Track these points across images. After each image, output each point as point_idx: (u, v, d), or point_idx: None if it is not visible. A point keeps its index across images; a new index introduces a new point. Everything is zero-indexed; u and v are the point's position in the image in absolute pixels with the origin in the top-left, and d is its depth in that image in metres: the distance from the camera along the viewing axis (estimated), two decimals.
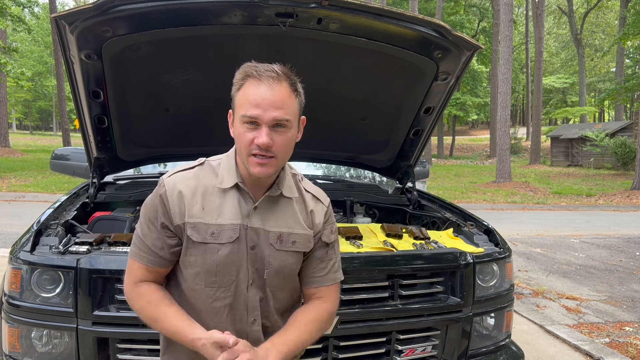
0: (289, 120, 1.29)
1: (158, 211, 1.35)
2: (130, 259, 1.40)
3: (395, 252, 2.25)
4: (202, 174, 1.39)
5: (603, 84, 46.71)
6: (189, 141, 2.90)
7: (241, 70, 1.32)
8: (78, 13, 1.95)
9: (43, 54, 46.30)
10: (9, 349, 1.98)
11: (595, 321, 4.56)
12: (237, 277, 1.36)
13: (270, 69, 1.29)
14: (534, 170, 25.52)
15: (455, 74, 2.53)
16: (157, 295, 1.38)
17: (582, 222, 10.88)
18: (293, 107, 1.31)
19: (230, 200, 1.36)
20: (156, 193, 1.37)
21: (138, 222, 1.41)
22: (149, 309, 1.37)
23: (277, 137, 1.28)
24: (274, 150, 1.28)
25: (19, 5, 23.10)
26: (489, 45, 32.85)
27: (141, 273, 1.39)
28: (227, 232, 1.34)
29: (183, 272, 1.39)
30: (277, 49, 2.35)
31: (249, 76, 1.29)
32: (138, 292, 1.39)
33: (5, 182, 14.16)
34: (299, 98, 1.34)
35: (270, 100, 1.26)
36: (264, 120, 1.26)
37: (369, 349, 2.15)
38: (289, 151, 1.34)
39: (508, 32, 17.45)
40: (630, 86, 21.28)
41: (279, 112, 1.27)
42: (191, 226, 1.33)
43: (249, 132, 1.28)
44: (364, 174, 4.08)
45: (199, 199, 1.35)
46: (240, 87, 1.30)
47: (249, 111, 1.26)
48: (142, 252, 1.38)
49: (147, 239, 1.37)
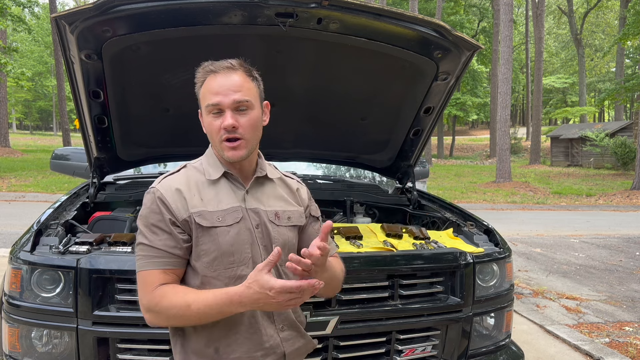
0: (249, 101, 1.39)
1: (161, 213, 1.37)
2: (143, 272, 1.36)
3: (395, 252, 2.25)
4: (189, 174, 1.46)
5: (603, 84, 46.69)
6: (189, 141, 2.89)
7: (200, 69, 1.43)
8: (78, 13, 1.95)
9: (43, 54, 46.30)
10: (9, 349, 1.98)
11: (595, 321, 4.56)
12: (252, 253, 1.41)
13: (225, 62, 1.41)
14: (534, 170, 25.52)
15: (455, 74, 2.53)
16: (182, 287, 1.37)
17: (582, 222, 10.88)
18: (251, 90, 1.41)
19: (223, 188, 1.44)
20: (151, 200, 1.39)
21: (139, 235, 1.39)
22: (178, 299, 1.31)
23: (241, 119, 1.38)
24: (240, 131, 1.38)
25: (19, 5, 23.10)
26: (489, 45, 32.86)
27: (159, 278, 1.35)
28: (231, 215, 1.40)
29: (197, 267, 1.39)
30: (277, 49, 2.35)
31: (208, 72, 1.40)
32: (160, 293, 1.33)
33: (5, 182, 14.16)
34: (257, 83, 1.45)
35: (229, 86, 1.37)
36: (225, 104, 1.36)
37: (369, 349, 2.15)
38: (256, 131, 1.43)
39: (508, 32, 17.46)
40: (630, 86, 21.29)
41: (238, 94, 1.37)
42: (197, 215, 1.37)
43: (215, 119, 1.38)
44: (364, 174, 4.08)
45: (195, 192, 1.41)
46: (202, 83, 1.42)
47: (211, 100, 1.37)
48: (156, 258, 1.36)
49: (156, 243, 1.36)
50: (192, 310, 1.30)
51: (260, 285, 1.23)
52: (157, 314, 1.34)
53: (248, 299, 1.26)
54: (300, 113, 2.86)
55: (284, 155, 3.14)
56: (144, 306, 1.36)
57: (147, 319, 1.37)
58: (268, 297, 1.23)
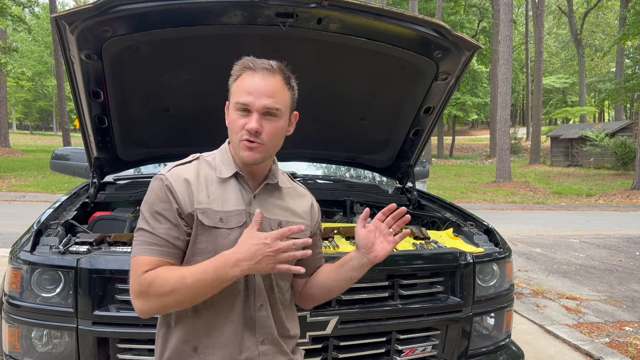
0: (279, 110, 1.36)
1: (168, 201, 1.34)
2: (139, 257, 1.32)
3: (395, 252, 2.25)
4: (200, 167, 1.44)
5: (603, 84, 46.69)
6: (189, 141, 2.89)
7: (239, 62, 1.40)
8: (78, 13, 1.95)
9: (43, 54, 46.30)
10: (9, 349, 1.98)
11: (595, 321, 4.56)
12: None
13: (266, 62, 1.37)
14: (534, 170, 25.53)
15: (455, 74, 2.53)
16: (176, 267, 1.33)
17: (582, 222, 10.89)
18: (285, 99, 1.38)
19: (232, 189, 1.41)
20: (159, 186, 1.36)
21: (141, 221, 1.35)
22: (172, 273, 1.28)
23: (266, 125, 1.35)
24: (262, 137, 1.35)
25: (19, 5, 23.11)
26: (489, 45, 32.86)
27: (153, 264, 1.30)
28: (235, 218, 1.38)
29: (190, 263, 1.35)
30: (277, 49, 2.34)
31: (246, 68, 1.37)
32: (153, 273, 1.28)
33: (5, 182, 14.16)
34: (292, 92, 1.42)
35: (263, 89, 1.34)
36: (254, 107, 1.33)
37: (369, 349, 2.15)
38: (278, 140, 1.41)
39: (508, 32, 17.46)
40: (630, 86, 21.30)
41: (270, 100, 1.34)
42: (201, 212, 1.35)
43: (241, 118, 1.35)
44: (364, 174, 4.08)
45: (203, 187, 1.39)
46: (237, 77, 1.39)
47: (241, 98, 1.34)
48: (155, 246, 1.32)
49: (158, 231, 1.32)
50: (187, 282, 1.26)
51: (254, 237, 1.25)
52: (148, 297, 1.28)
53: (245, 254, 1.24)
54: (300, 113, 2.86)
55: (284, 155, 3.13)
56: (135, 292, 1.30)
57: (137, 308, 1.32)
58: (265, 247, 1.24)
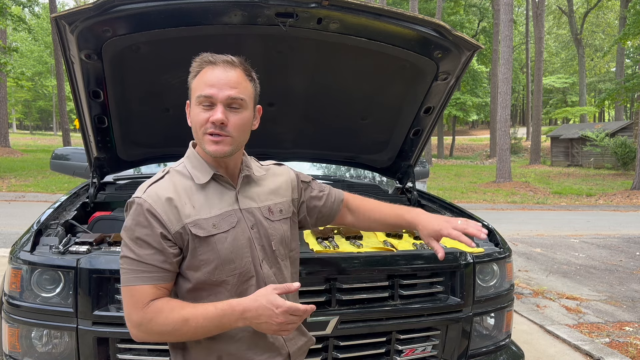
0: (244, 100, 1.34)
1: (150, 227, 1.28)
2: (130, 287, 1.27)
3: (395, 252, 2.25)
4: (175, 179, 1.37)
5: (603, 84, 46.71)
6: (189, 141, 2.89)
7: (197, 59, 1.37)
8: (78, 13, 1.95)
9: (43, 54, 46.29)
10: (9, 349, 1.98)
11: (595, 321, 4.56)
12: (251, 257, 1.38)
13: (225, 56, 1.36)
14: (534, 170, 25.52)
15: (456, 73, 2.53)
16: (176, 301, 1.30)
17: (582, 222, 10.88)
18: (248, 90, 1.36)
19: (213, 191, 1.38)
20: (138, 211, 1.29)
21: (124, 248, 1.30)
22: (174, 315, 1.25)
23: (232, 116, 1.33)
24: (229, 129, 1.32)
25: (19, 5, 23.11)
26: (489, 45, 32.84)
27: (151, 293, 1.27)
28: (226, 220, 1.36)
29: (193, 278, 1.33)
30: (277, 49, 2.35)
31: (206, 63, 1.35)
32: (154, 309, 1.26)
33: (5, 182, 14.16)
34: (254, 84, 1.40)
35: (226, 80, 1.32)
36: (218, 98, 1.31)
37: (369, 349, 2.15)
38: (244, 132, 1.38)
39: (508, 32, 17.45)
40: (630, 86, 21.26)
41: (234, 90, 1.32)
42: (192, 225, 1.31)
43: (204, 112, 1.32)
44: (364, 174, 4.08)
45: (185, 199, 1.34)
46: (196, 74, 1.36)
47: (204, 91, 1.31)
48: (145, 273, 1.27)
49: (145, 258, 1.28)
50: (189, 326, 1.25)
51: (269, 301, 1.23)
52: (148, 330, 1.27)
53: (252, 312, 1.24)
54: (301, 113, 2.86)
55: (284, 155, 3.14)
56: (133, 322, 1.27)
57: (134, 334, 1.29)
58: (272, 315, 1.23)
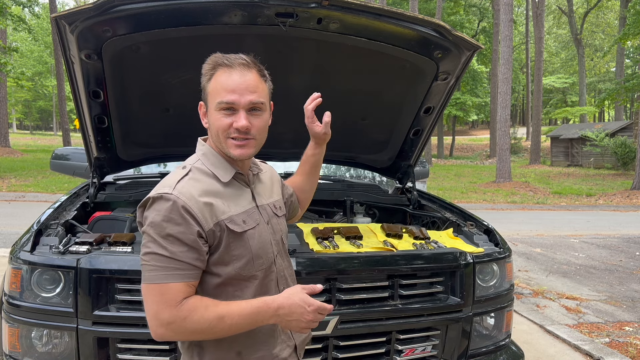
0: (264, 103, 1.37)
1: (185, 224, 1.25)
2: (160, 285, 1.23)
3: (395, 252, 2.25)
4: (199, 177, 1.36)
5: (603, 84, 46.68)
6: (188, 141, 2.89)
7: (209, 61, 1.36)
8: (78, 13, 1.95)
9: (43, 54, 46.28)
10: (9, 349, 1.98)
11: (595, 321, 4.56)
12: (272, 251, 1.44)
13: (240, 57, 1.35)
14: (534, 170, 25.51)
15: (455, 73, 2.53)
16: (208, 299, 1.29)
17: (582, 222, 10.88)
18: (265, 91, 1.39)
19: (235, 189, 1.41)
20: (170, 208, 1.25)
21: (151, 244, 1.25)
22: (210, 312, 1.24)
23: (254, 120, 1.35)
24: (252, 132, 1.35)
25: (19, 5, 23.11)
26: (489, 45, 32.83)
27: (183, 291, 1.24)
28: (252, 217, 1.40)
29: (223, 273, 1.33)
30: (277, 49, 2.35)
31: (220, 65, 1.34)
32: (188, 307, 1.23)
33: (5, 182, 14.16)
34: (268, 83, 1.42)
35: (245, 85, 1.32)
36: (241, 105, 1.32)
37: (369, 349, 2.15)
38: (265, 132, 1.42)
39: (508, 32, 17.45)
40: (630, 86, 21.27)
41: (254, 95, 1.33)
42: (228, 221, 1.32)
43: (226, 117, 1.33)
44: (364, 174, 4.08)
45: (217, 197, 1.34)
46: (211, 77, 1.35)
47: (225, 97, 1.31)
48: (178, 271, 1.24)
49: (178, 255, 1.24)
50: (224, 323, 1.25)
51: (302, 299, 1.31)
52: (181, 329, 1.23)
53: (285, 309, 1.30)
54: (300, 113, 2.85)
55: (284, 155, 3.14)
56: (162, 320, 1.22)
57: (159, 333, 1.24)
58: (304, 313, 1.30)
